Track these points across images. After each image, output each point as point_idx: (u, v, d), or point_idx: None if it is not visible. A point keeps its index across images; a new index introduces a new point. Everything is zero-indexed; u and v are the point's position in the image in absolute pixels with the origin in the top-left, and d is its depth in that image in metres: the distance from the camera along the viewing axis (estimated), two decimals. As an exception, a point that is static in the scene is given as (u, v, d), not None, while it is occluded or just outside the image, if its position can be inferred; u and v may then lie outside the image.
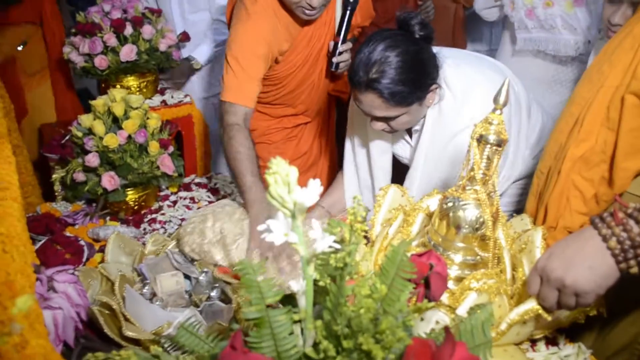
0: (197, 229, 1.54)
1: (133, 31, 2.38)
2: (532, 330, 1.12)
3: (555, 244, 1.03)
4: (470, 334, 0.82)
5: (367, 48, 1.45)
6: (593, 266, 0.97)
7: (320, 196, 1.91)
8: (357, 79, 1.46)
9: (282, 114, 2.24)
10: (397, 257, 0.81)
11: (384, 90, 1.43)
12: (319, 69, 2.09)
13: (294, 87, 2.10)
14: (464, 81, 1.54)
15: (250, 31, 1.81)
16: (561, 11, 2.16)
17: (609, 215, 0.96)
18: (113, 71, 2.40)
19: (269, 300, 0.77)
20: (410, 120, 1.55)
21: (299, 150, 2.35)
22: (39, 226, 1.68)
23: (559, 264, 0.99)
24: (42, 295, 1.15)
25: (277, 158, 0.68)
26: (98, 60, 2.34)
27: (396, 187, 1.37)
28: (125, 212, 1.89)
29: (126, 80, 2.48)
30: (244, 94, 1.81)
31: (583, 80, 1.26)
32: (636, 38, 1.13)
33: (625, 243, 0.94)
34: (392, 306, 0.76)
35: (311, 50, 2.01)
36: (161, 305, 1.36)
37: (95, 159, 1.76)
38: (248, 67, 1.80)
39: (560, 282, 0.99)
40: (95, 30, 2.34)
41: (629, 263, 0.95)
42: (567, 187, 1.28)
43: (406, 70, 1.42)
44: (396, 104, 1.46)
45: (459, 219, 1.10)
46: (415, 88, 1.45)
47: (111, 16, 2.37)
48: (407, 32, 1.46)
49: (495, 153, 1.07)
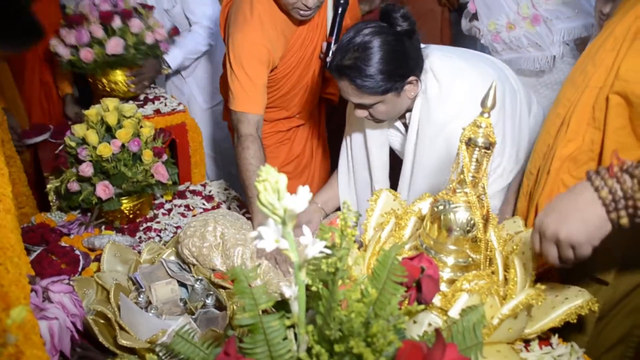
0: (198, 232, 1.56)
1: (122, 24, 2.32)
2: (524, 325, 1.13)
3: (553, 200, 1.07)
4: (462, 335, 0.83)
5: (347, 35, 1.50)
6: (585, 218, 1.00)
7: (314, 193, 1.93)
8: (333, 64, 1.52)
9: (276, 117, 2.25)
10: (388, 260, 0.82)
11: (355, 77, 1.47)
12: (312, 71, 2.11)
13: (289, 89, 2.12)
14: (451, 71, 1.56)
15: (251, 38, 1.83)
16: (524, 31, 2.26)
17: (603, 169, 0.99)
18: (99, 65, 2.33)
19: (262, 306, 0.78)
20: (388, 110, 1.57)
21: (292, 154, 2.37)
22: (34, 237, 1.69)
23: (553, 219, 1.03)
24: (38, 306, 1.15)
25: (267, 166, 0.69)
26: (84, 53, 2.27)
27: (388, 191, 1.38)
28: (120, 220, 1.89)
29: (113, 74, 2.40)
30: (254, 102, 1.86)
31: (567, 82, 1.28)
32: (617, 39, 1.14)
33: (616, 194, 0.97)
34: (384, 310, 0.77)
35: (305, 52, 2.03)
36: (156, 314, 1.37)
37: (89, 168, 1.77)
38: (254, 74, 1.84)
39: (555, 236, 1.02)
40: (82, 21, 2.29)
41: (619, 213, 0.98)
42: (556, 186, 1.29)
43: (380, 60, 1.45)
44: (368, 93, 1.49)
45: (450, 222, 1.11)
46: (388, 78, 1.48)
47: (100, 8, 2.31)
48: (389, 24, 1.48)
49: (484, 156, 1.08)
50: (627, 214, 0.98)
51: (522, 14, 2.24)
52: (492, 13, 2.33)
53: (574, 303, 1.13)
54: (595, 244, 1.02)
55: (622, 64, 1.11)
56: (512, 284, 1.13)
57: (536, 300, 1.05)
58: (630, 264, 1.29)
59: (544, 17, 2.20)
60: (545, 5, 2.19)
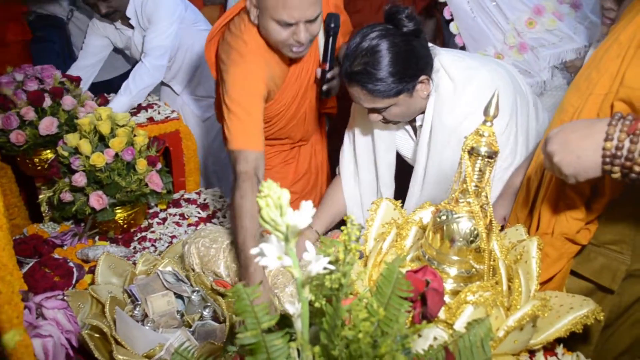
0: (212, 235, 1.57)
1: (52, 102, 2.12)
2: (530, 337, 1.11)
3: (575, 122, 1.11)
4: (470, 351, 0.81)
5: (354, 40, 1.48)
6: (581, 156, 1.03)
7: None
8: (343, 71, 1.51)
9: (278, 144, 2.20)
10: (392, 275, 0.80)
11: (366, 83, 1.45)
12: (308, 100, 2.04)
13: (285, 123, 2.05)
14: (465, 70, 1.55)
15: (247, 73, 1.75)
16: (512, 60, 2.27)
17: (631, 119, 0.99)
18: (31, 146, 2.11)
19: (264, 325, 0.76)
20: (403, 111, 1.56)
21: (299, 172, 2.31)
22: (26, 249, 1.66)
23: (557, 141, 1.07)
24: (31, 324, 1.13)
25: (269, 181, 0.67)
26: (14, 136, 2.05)
27: (388, 200, 1.36)
28: (115, 231, 1.86)
29: (45, 153, 2.17)
30: (253, 139, 1.73)
31: (572, 89, 1.27)
32: (622, 45, 1.13)
33: (621, 150, 0.98)
34: (390, 326, 0.74)
35: (300, 85, 1.96)
36: (153, 327, 1.34)
37: (83, 178, 1.74)
38: (252, 110, 1.74)
39: (550, 157, 1.09)
40: (8, 105, 2.07)
41: (613, 168, 1.01)
42: (559, 193, 1.28)
43: (389, 63, 1.44)
44: (381, 96, 1.48)
45: (453, 232, 1.09)
46: (399, 80, 1.46)
47: (26, 87, 2.10)
48: (394, 26, 1.47)
49: (487, 165, 1.06)
50: (620, 171, 1.00)
51: (508, 43, 2.27)
52: (479, 45, 2.35)
53: (579, 312, 1.11)
54: (580, 180, 1.07)
55: (627, 71, 1.10)
56: (517, 294, 1.11)
57: (542, 311, 1.04)
58: (636, 273, 1.27)
59: (530, 45, 2.24)
60: (529, 34, 2.23)
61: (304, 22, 1.63)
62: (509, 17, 2.23)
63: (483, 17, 2.30)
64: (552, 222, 1.30)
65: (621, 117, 1.00)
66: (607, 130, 1.00)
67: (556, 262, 1.29)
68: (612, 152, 0.99)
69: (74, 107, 2.14)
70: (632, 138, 0.97)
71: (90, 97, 2.31)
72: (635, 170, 0.97)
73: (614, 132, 0.99)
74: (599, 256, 1.29)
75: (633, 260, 1.26)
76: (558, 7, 2.21)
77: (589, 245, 1.30)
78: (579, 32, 2.19)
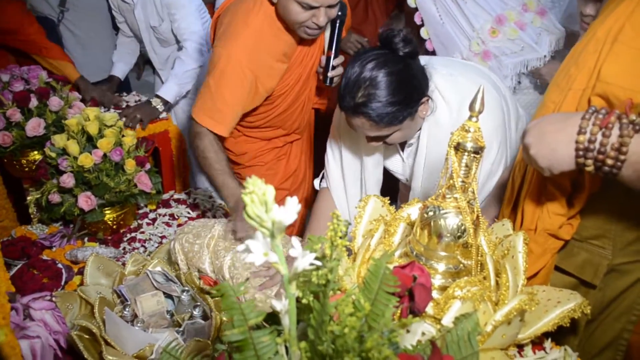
0: (195, 230, 1.58)
1: (38, 103, 2.13)
2: (518, 331, 1.12)
3: (552, 115, 1.12)
4: (457, 345, 0.81)
5: (352, 70, 1.43)
6: (555, 148, 1.05)
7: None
8: (345, 104, 1.45)
9: (273, 135, 2.22)
10: (379, 270, 0.80)
11: (372, 113, 1.41)
12: (309, 88, 2.08)
13: (286, 107, 2.07)
14: (459, 93, 1.53)
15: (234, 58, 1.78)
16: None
17: (604, 113, 1.00)
18: (18, 147, 2.11)
19: (251, 321, 0.76)
20: (405, 134, 1.55)
21: (289, 169, 2.34)
22: (14, 251, 1.65)
23: (533, 133, 1.09)
24: (19, 325, 1.12)
25: (253, 177, 0.67)
26: (0, 137, 2.06)
27: (376, 197, 1.36)
28: (104, 232, 1.86)
29: (33, 155, 2.17)
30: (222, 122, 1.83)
31: (552, 85, 1.27)
32: (599, 41, 1.14)
33: (593, 143, 0.99)
34: (377, 321, 0.75)
35: (304, 68, 1.99)
36: (142, 327, 1.34)
37: (71, 179, 1.73)
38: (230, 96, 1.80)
39: (527, 149, 1.10)
40: None
41: (586, 162, 1.02)
42: (541, 189, 1.29)
43: (393, 91, 1.40)
44: (387, 125, 1.45)
45: (440, 228, 1.09)
46: (404, 107, 1.43)
47: (12, 88, 2.10)
48: (391, 50, 1.43)
49: (473, 160, 1.07)
50: (593, 164, 1.01)
51: (473, 50, 2.31)
52: (447, 51, 2.38)
53: (566, 306, 1.12)
54: (555, 172, 1.08)
55: (602, 66, 1.11)
56: (505, 289, 1.12)
57: (529, 305, 1.04)
58: (618, 268, 1.28)
59: (493, 53, 2.28)
60: (492, 43, 2.27)
61: (326, 6, 1.69)
62: (474, 25, 2.28)
63: (451, 24, 2.34)
64: (535, 218, 1.31)
65: (595, 111, 1.01)
66: (581, 123, 1.01)
67: (540, 257, 1.30)
68: (585, 145, 1.00)
69: (60, 107, 2.13)
70: (604, 132, 0.98)
71: (77, 97, 2.30)
72: (608, 163, 0.99)
73: (587, 125, 1.00)
74: (582, 251, 1.31)
75: (614, 255, 1.28)
76: (521, 17, 2.26)
77: (572, 240, 1.31)
78: (541, 41, 2.26)
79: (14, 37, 2.68)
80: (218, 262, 1.50)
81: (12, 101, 2.06)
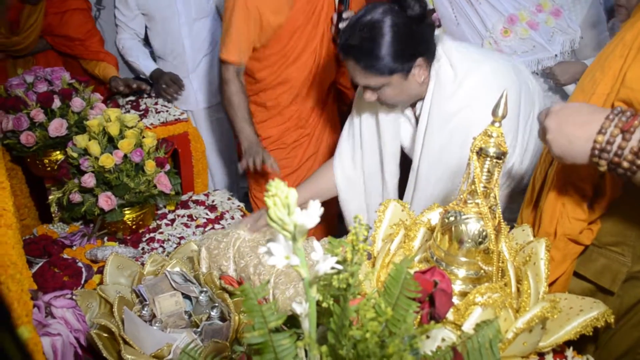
0: (223, 231, 1.61)
1: (61, 104, 2.12)
2: (539, 339, 1.11)
3: (579, 104, 1.10)
4: (479, 352, 0.80)
5: (357, 15, 1.49)
6: (572, 141, 1.04)
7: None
8: (340, 42, 1.52)
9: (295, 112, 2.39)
10: (400, 275, 0.80)
11: (361, 57, 1.46)
12: (320, 32, 2.21)
13: (298, 53, 2.22)
14: (467, 61, 1.55)
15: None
16: None
17: (629, 115, 0.99)
18: (41, 147, 2.11)
19: (271, 324, 0.76)
20: (396, 93, 1.55)
21: (306, 154, 2.49)
22: (36, 249, 1.66)
23: (555, 119, 1.07)
24: (40, 322, 1.13)
25: (276, 180, 0.67)
26: (24, 137, 2.05)
27: (396, 201, 1.35)
28: (123, 231, 1.87)
29: (55, 155, 2.15)
30: (233, 51, 2.15)
31: (577, 88, 1.26)
32: (626, 45, 1.13)
33: (611, 145, 0.98)
34: (398, 327, 0.74)
35: (312, 5, 2.14)
36: (160, 327, 1.34)
37: (92, 179, 1.75)
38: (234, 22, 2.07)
39: (544, 132, 1.10)
40: (19, 106, 2.06)
41: (600, 161, 1.00)
42: (562, 193, 1.27)
43: (386, 40, 1.43)
44: (374, 73, 1.48)
45: (461, 233, 1.08)
46: (395, 59, 1.46)
47: (36, 89, 2.11)
48: (400, 7, 1.46)
49: (495, 166, 1.06)
50: (607, 164, 1.00)
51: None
52: None
53: (589, 315, 1.10)
54: (566, 162, 1.09)
55: (628, 71, 1.09)
56: (526, 296, 1.10)
57: (551, 313, 1.03)
58: (637, 275, 1.26)
59: (506, 52, 2.30)
60: (503, 42, 2.30)
61: None
62: (487, 25, 2.32)
63: (465, 25, 2.38)
64: (554, 222, 1.29)
65: (620, 112, 1.00)
66: (603, 123, 1.00)
67: (561, 264, 1.28)
68: (602, 146, 0.99)
69: (82, 108, 2.15)
70: (624, 135, 0.97)
71: (99, 99, 2.33)
72: (623, 166, 0.97)
73: (608, 126, 0.99)
74: (601, 257, 1.29)
75: (634, 262, 1.25)
76: (533, 17, 2.29)
77: (591, 245, 1.29)
78: (553, 41, 2.28)
79: (79, 44, 2.80)
80: (243, 262, 1.51)
81: (36, 102, 2.08)
